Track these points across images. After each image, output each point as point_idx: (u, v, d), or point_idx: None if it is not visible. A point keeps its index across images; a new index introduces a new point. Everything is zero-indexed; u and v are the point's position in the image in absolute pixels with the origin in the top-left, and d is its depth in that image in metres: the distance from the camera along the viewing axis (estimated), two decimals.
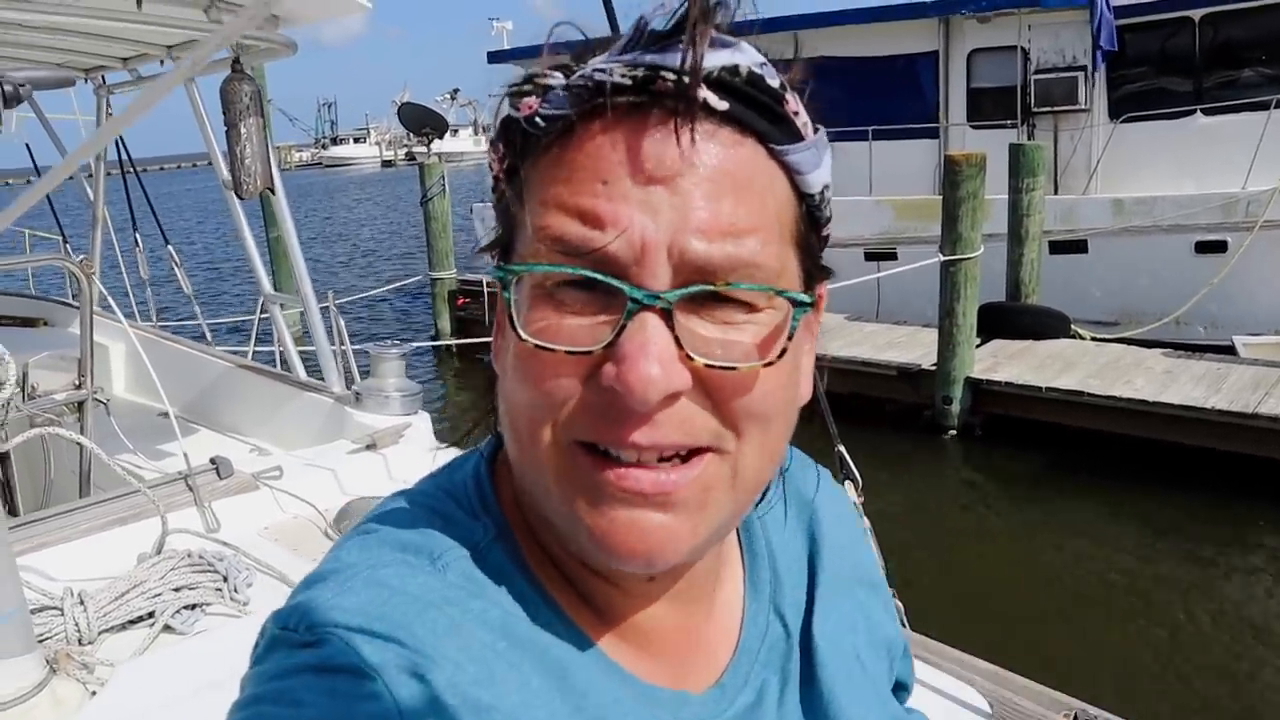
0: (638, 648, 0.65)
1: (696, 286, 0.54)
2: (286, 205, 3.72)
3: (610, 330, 0.54)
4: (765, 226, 0.56)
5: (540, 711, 0.56)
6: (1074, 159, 11.75)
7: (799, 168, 0.59)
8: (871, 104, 11.96)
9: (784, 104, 0.57)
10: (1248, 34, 10.77)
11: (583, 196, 0.54)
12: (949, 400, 8.82)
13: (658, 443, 0.55)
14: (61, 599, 2.17)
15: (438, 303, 13.71)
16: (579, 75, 0.56)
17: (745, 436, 0.57)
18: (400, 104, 20.76)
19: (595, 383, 0.55)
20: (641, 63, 0.54)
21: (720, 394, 0.56)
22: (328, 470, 2.99)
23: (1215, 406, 7.51)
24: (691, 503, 0.57)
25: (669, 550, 0.57)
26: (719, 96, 0.54)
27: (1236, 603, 6.04)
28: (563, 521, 0.59)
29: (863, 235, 11.55)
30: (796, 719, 0.70)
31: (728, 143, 0.55)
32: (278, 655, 0.56)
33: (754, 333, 0.56)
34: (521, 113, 0.57)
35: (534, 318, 0.56)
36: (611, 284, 0.54)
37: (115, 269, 5.54)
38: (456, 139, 74.10)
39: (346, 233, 33.67)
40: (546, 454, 0.57)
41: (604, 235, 0.53)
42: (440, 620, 0.56)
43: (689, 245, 0.53)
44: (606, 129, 0.55)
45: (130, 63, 4.09)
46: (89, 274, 3.01)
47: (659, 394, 0.53)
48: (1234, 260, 9.82)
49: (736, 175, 0.55)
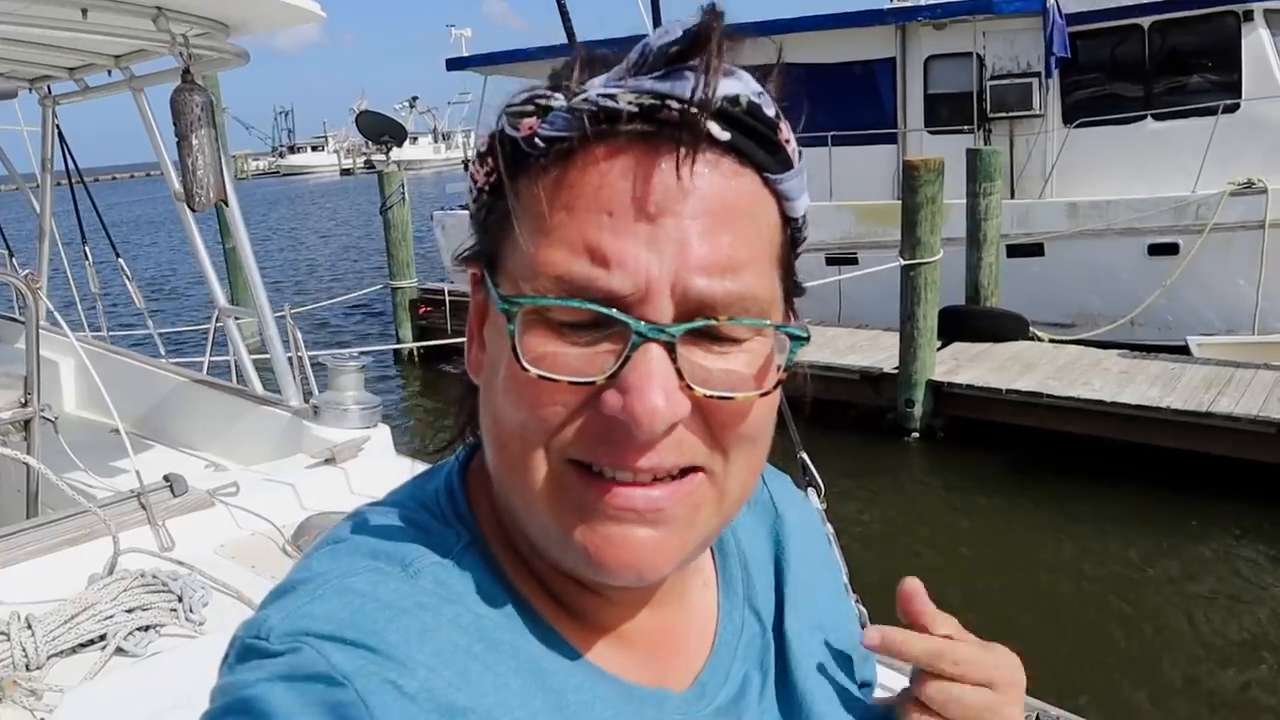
0: (616, 649, 0.65)
1: (700, 321, 0.55)
2: (240, 217, 3.67)
3: (614, 360, 0.55)
4: (760, 255, 0.58)
5: (520, 711, 0.56)
6: (1029, 164, 11.92)
7: (789, 194, 0.60)
8: (830, 110, 12.06)
9: (778, 133, 0.58)
10: (1195, 41, 10.99)
11: (588, 229, 0.54)
12: (911, 403, 8.90)
13: (656, 466, 0.56)
14: (8, 623, 2.12)
15: (399, 312, 13.59)
16: (583, 99, 0.55)
17: (733, 457, 0.59)
18: (359, 112, 20.64)
19: (594, 408, 0.55)
20: (648, 90, 0.54)
21: (715, 420, 0.57)
22: (285, 485, 2.94)
23: (1170, 406, 7.65)
24: (681, 519, 0.58)
25: (660, 563, 0.58)
26: (721, 127, 0.55)
27: (1195, 597, 6.14)
28: (549, 538, 0.59)
29: (824, 240, 11.63)
30: (775, 714, 0.71)
31: (729, 173, 0.56)
32: (248, 665, 0.55)
33: (746, 361, 0.58)
34: (520, 132, 0.57)
35: (533, 345, 0.56)
36: (617, 318, 0.54)
37: (66, 287, 5.43)
38: (416, 146, 73.86)
39: (305, 242, 33.34)
40: (536, 473, 0.58)
41: (608, 275, 0.54)
42: (413, 626, 0.56)
43: (691, 283, 0.54)
44: (610, 155, 0.55)
45: (77, 72, 4.01)
46: (34, 289, 2.94)
47: (664, 424, 0.54)
48: (1185, 262, 10.01)
49: (736, 206, 0.56)
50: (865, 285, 10.67)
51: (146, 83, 3.69)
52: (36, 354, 3.07)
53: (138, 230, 40.23)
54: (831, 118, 12.02)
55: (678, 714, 0.65)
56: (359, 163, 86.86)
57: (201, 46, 3.34)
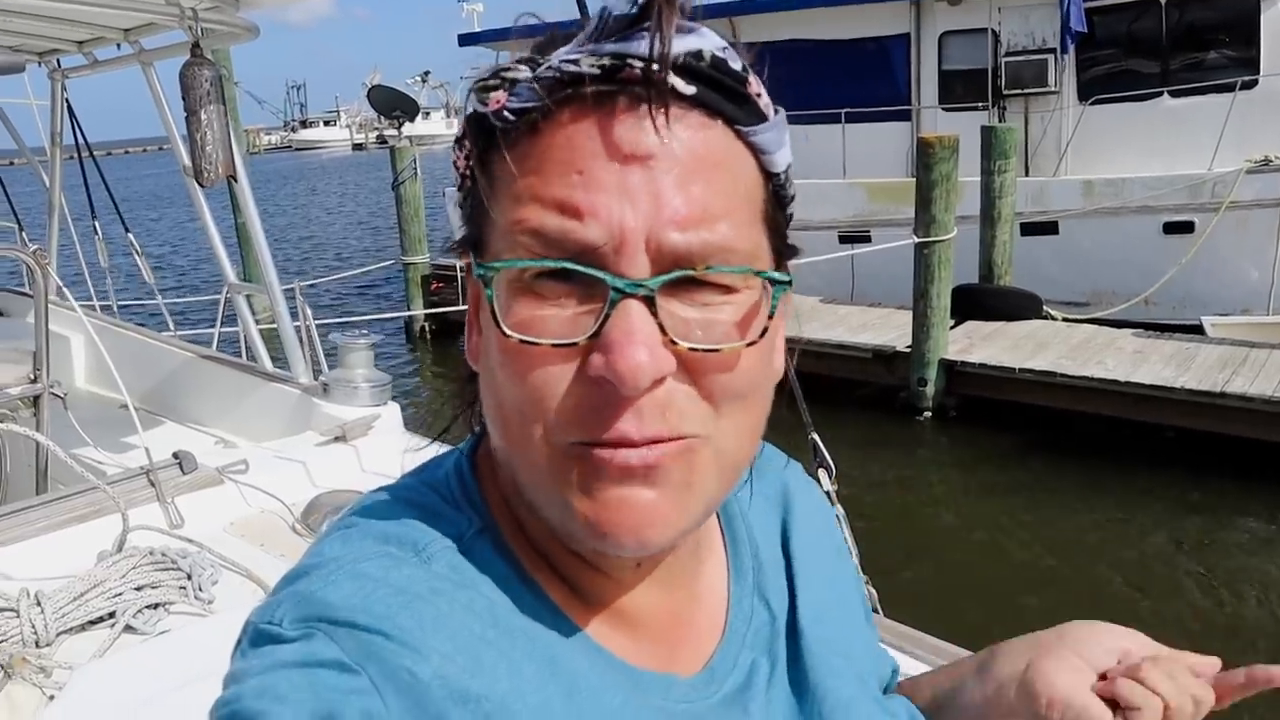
0: (626, 634, 0.65)
1: (677, 272, 0.55)
2: (250, 192, 3.64)
3: (594, 320, 0.54)
4: (737, 208, 0.57)
5: (533, 697, 0.56)
6: (1044, 141, 11.81)
7: (764, 148, 0.59)
8: (843, 87, 11.97)
9: (747, 86, 0.58)
10: (1212, 17, 10.85)
11: (558, 187, 0.54)
12: (924, 382, 8.86)
13: (644, 434, 0.55)
14: (17, 600, 2.11)
15: (411, 288, 13.58)
16: (546, 67, 0.56)
17: (724, 413, 0.58)
18: (371, 86, 20.56)
19: (582, 376, 0.55)
20: (607, 51, 0.54)
21: (703, 375, 0.57)
22: (295, 463, 2.93)
23: (1184, 386, 7.60)
24: (677, 480, 0.57)
25: (660, 526, 0.57)
26: (685, 81, 0.55)
27: (1209, 578, 6.12)
28: (555, 511, 0.59)
29: (836, 218, 11.56)
30: (786, 700, 0.71)
31: (696, 126, 0.56)
32: (260, 651, 0.55)
33: (732, 313, 0.57)
34: (489, 108, 0.57)
35: (515, 312, 0.56)
36: (592, 274, 0.54)
37: (76, 262, 5.42)
38: (428, 122, 73.56)
39: (317, 219, 33.32)
40: (539, 449, 0.57)
41: (582, 226, 0.54)
42: (426, 611, 0.56)
43: (666, 236, 0.54)
44: (576, 118, 0.55)
45: (86, 46, 3.98)
46: (44, 265, 2.93)
47: (648, 379, 0.53)
48: (1201, 240, 9.91)
49: (708, 158, 0.56)
50: (878, 263, 10.60)
51: (155, 56, 3.66)
52: (45, 329, 3.07)
53: (148, 206, 40.27)
54: (845, 94, 11.94)
55: (685, 700, 0.65)
56: (371, 138, 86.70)
57: (211, 20, 3.31)
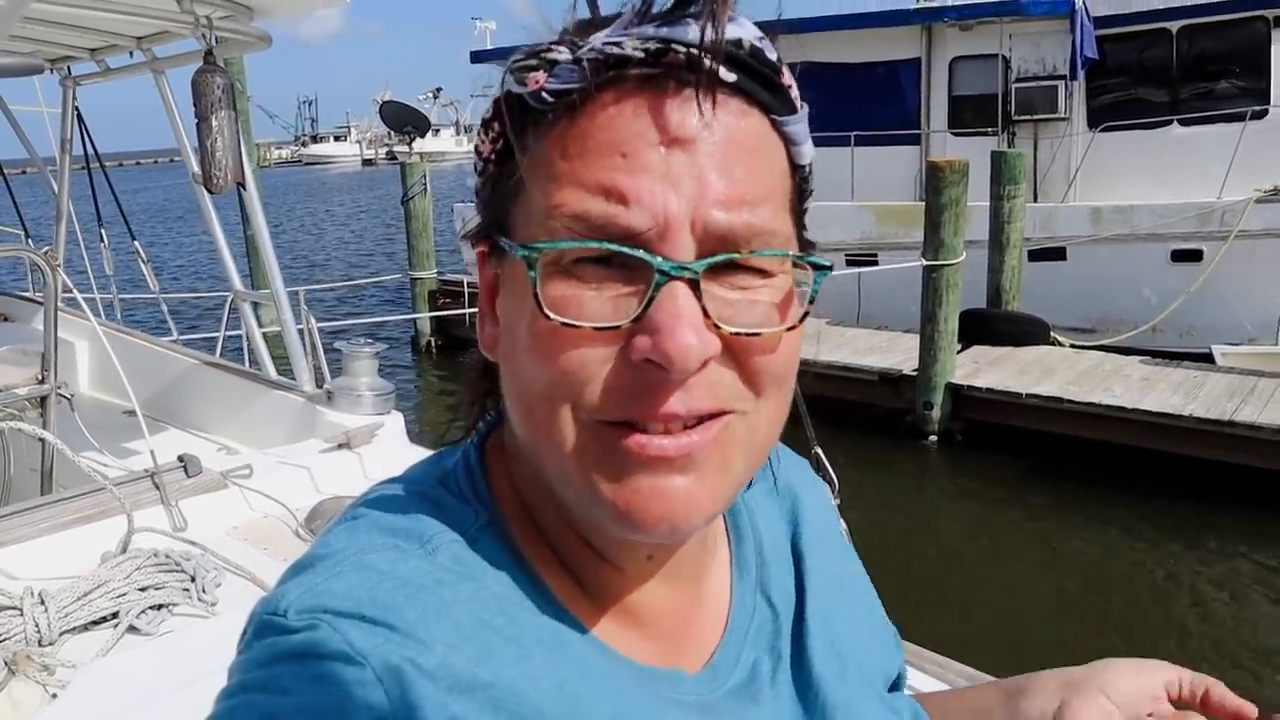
0: (632, 631, 0.65)
1: (722, 255, 0.55)
2: (258, 200, 3.66)
3: (637, 303, 0.54)
4: (774, 194, 0.58)
5: (545, 681, 0.56)
6: (1053, 167, 11.83)
7: (795, 139, 0.60)
8: (854, 109, 12.01)
9: (781, 76, 0.58)
10: (1223, 46, 10.89)
11: (602, 171, 0.54)
12: (930, 405, 8.85)
13: (692, 409, 0.55)
14: (21, 598, 2.11)
15: (418, 303, 13.66)
16: (588, 49, 0.55)
17: (764, 396, 0.58)
18: (382, 102, 20.71)
19: (623, 359, 0.54)
20: (654, 36, 0.54)
21: (745, 358, 0.57)
22: (299, 469, 2.93)
23: (1192, 414, 7.58)
24: (712, 463, 0.57)
25: (692, 513, 0.57)
26: (728, 69, 0.55)
27: (1215, 607, 6.08)
28: (582, 501, 0.58)
29: (844, 240, 11.57)
30: (789, 698, 0.70)
31: (737, 113, 0.56)
32: (265, 642, 0.55)
33: (770, 295, 0.57)
34: (528, 88, 0.56)
35: (553, 294, 0.55)
36: (639, 257, 0.54)
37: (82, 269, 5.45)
38: (438, 138, 73.89)
39: (327, 233, 33.43)
40: (567, 433, 0.56)
41: (627, 211, 0.53)
42: (431, 602, 0.56)
43: (710, 216, 0.54)
44: (619, 101, 0.55)
45: (98, 53, 4.01)
46: (54, 265, 2.94)
47: (697, 360, 0.53)
48: (1209, 269, 9.90)
49: (747, 143, 0.56)
50: (885, 286, 10.60)
51: (168, 64, 3.69)
52: (54, 329, 3.07)
53: (151, 216, 40.42)
54: (855, 117, 11.97)
55: (690, 696, 0.64)
56: (381, 153, 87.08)
57: (225, 29, 3.33)
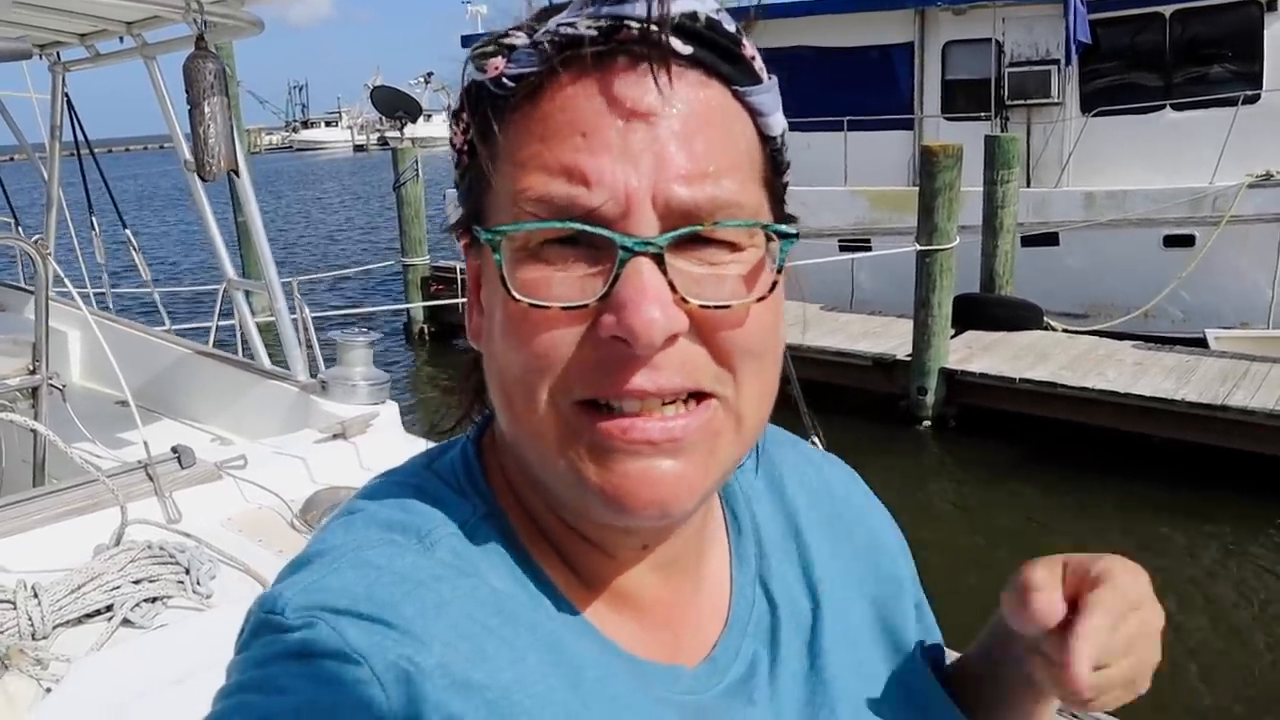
0: (631, 621, 0.65)
1: (685, 229, 0.54)
2: (251, 188, 3.63)
3: (603, 282, 0.54)
4: (739, 166, 0.57)
5: (536, 687, 0.55)
6: (1046, 152, 11.82)
7: (761, 109, 0.59)
8: (846, 94, 11.98)
9: (741, 47, 0.58)
10: (1216, 31, 10.87)
11: (563, 152, 0.54)
12: (924, 391, 8.85)
13: (661, 387, 0.55)
14: (14, 591, 2.10)
15: (410, 290, 13.59)
16: (544, 32, 0.56)
17: (741, 375, 0.58)
18: (373, 87, 20.59)
19: (591, 338, 0.54)
20: (605, 14, 0.54)
21: (715, 333, 0.56)
22: (293, 459, 2.92)
23: (1185, 398, 7.60)
24: (701, 447, 0.57)
25: (683, 496, 0.56)
26: (682, 41, 0.55)
27: (1207, 591, 6.11)
28: (568, 487, 0.58)
29: (837, 226, 11.55)
30: (789, 690, 0.69)
31: (695, 84, 0.56)
32: (262, 641, 0.55)
33: (739, 269, 0.57)
34: (487, 74, 0.57)
35: (521, 278, 0.55)
36: (602, 235, 0.54)
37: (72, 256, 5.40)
38: (430, 124, 73.50)
39: (317, 220, 33.28)
40: (546, 418, 0.56)
41: (589, 192, 0.53)
42: (429, 599, 0.55)
43: (673, 192, 0.54)
44: (576, 80, 0.55)
45: (88, 39, 3.97)
46: (44, 254, 2.92)
47: (662, 335, 0.53)
48: (1201, 254, 9.92)
49: (708, 116, 0.56)
50: (879, 272, 10.59)
51: (158, 50, 3.65)
52: (45, 319, 3.05)
53: (140, 204, 40.20)
54: (848, 102, 11.94)
55: (689, 692, 0.64)
56: (372, 139, 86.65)
57: (216, 14, 3.30)
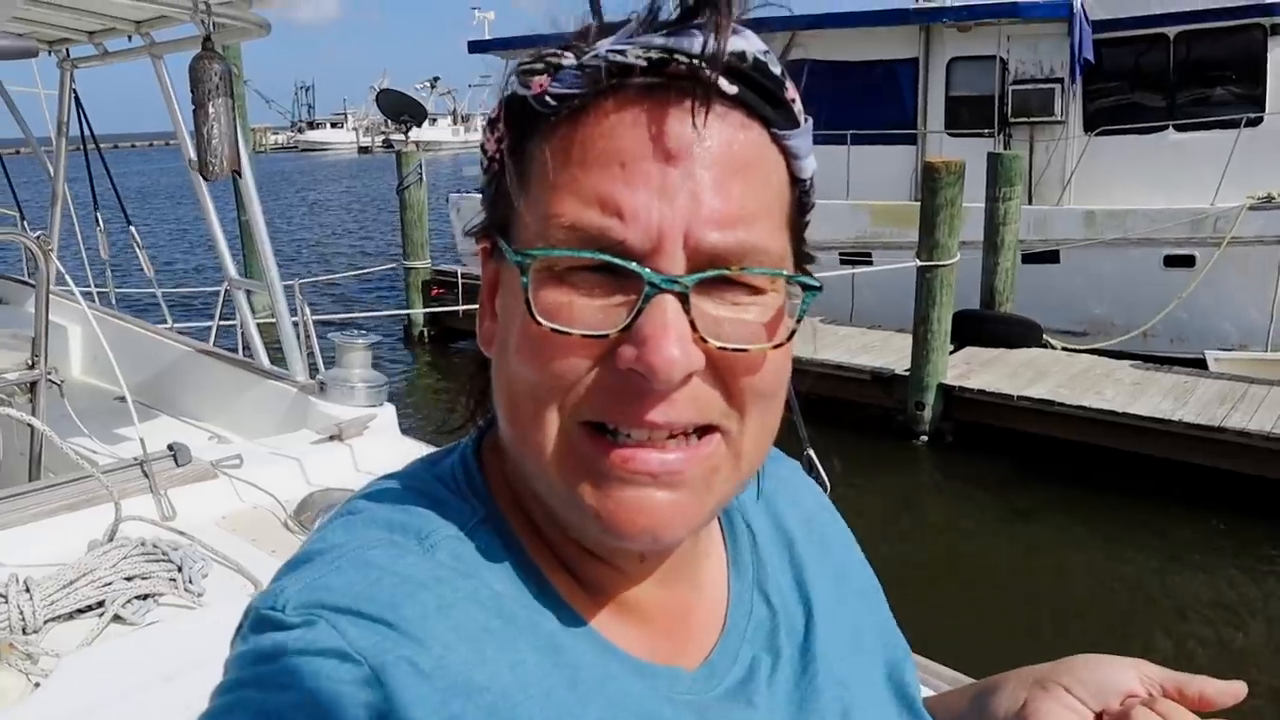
0: (630, 626, 0.65)
1: (713, 271, 0.55)
2: (254, 188, 3.64)
3: (626, 313, 0.54)
4: (771, 211, 0.58)
5: (535, 688, 0.55)
6: (1048, 170, 11.85)
7: (796, 152, 0.60)
8: (850, 108, 12.01)
9: (785, 90, 0.59)
10: (1220, 53, 10.91)
11: (600, 181, 0.54)
12: (921, 406, 8.85)
13: (672, 420, 0.55)
14: (6, 585, 2.10)
15: (411, 293, 13.59)
16: (593, 55, 0.56)
17: (749, 415, 0.59)
18: (379, 90, 20.64)
19: (608, 365, 0.55)
20: (658, 45, 0.55)
21: (730, 374, 0.57)
22: (289, 460, 2.92)
23: (1183, 419, 7.60)
24: (698, 482, 0.58)
25: (676, 525, 0.57)
26: (729, 81, 0.55)
27: (1202, 612, 6.10)
28: (563, 504, 0.59)
29: (838, 239, 11.57)
30: (788, 695, 0.70)
31: (737, 126, 0.56)
32: (261, 637, 0.55)
33: (759, 313, 0.58)
34: (531, 91, 0.57)
35: (546, 299, 0.56)
36: (629, 269, 0.54)
37: (76, 253, 5.41)
38: (435, 128, 73.75)
39: (322, 221, 33.28)
40: (548, 436, 0.57)
41: (622, 225, 0.54)
42: (430, 600, 0.55)
43: (704, 235, 0.54)
44: (620, 109, 0.55)
45: (97, 36, 3.99)
46: (46, 251, 2.92)
47: (681, 373, 0.54)
48: (1201, 275, 9.93)
49: (746, 157, 0.56)
50: (879, 286, 10.60)
51: (166, 49, 3.67)
52: (45, 315, 3.06)
53: (142, 201, 40.22)
54: (851, 116, 11.96)
55: (689, 693, 0.64)
56: (377, 141, 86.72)
57: (224, 15, 3.31)
